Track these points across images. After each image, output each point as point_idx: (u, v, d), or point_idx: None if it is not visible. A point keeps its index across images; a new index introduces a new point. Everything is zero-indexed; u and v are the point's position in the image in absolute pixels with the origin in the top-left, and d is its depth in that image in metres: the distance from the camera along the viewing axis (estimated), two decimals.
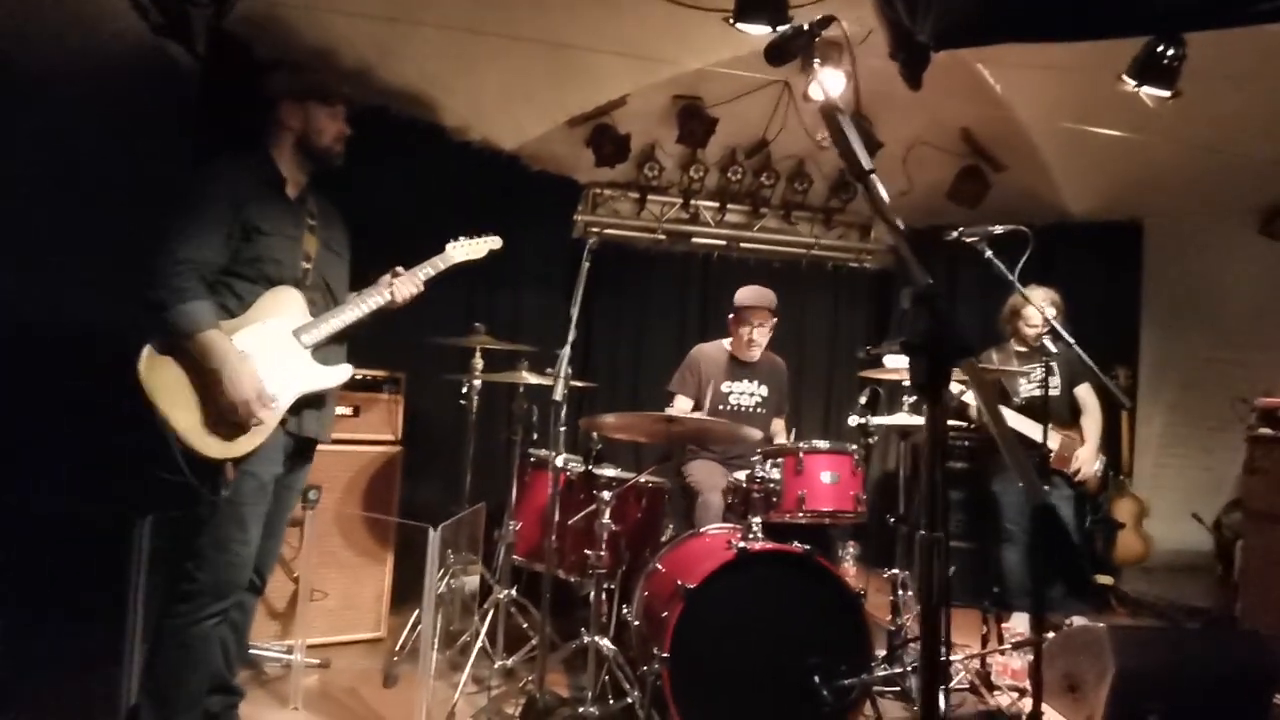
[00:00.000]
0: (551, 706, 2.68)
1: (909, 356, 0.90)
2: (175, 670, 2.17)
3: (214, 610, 2.21)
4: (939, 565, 0.90)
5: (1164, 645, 2.99)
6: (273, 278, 2.30)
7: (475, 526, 3.57)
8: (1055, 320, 3.05)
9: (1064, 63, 3.89)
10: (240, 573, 2.25)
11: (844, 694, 2.54)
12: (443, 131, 4.49)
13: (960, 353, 0.89)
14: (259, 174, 2.34)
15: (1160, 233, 5.40)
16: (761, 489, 3.00)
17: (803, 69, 1.55)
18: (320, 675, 3.14)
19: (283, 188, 2.39)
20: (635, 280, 5.63)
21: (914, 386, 0.92)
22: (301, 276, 2.37)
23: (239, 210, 2.23)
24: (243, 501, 2.21)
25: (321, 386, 2.37)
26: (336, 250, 2.54)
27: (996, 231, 2.75)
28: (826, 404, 5.96)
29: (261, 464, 2.25)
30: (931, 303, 0.88)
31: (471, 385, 3.45)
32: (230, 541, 2.20)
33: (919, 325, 0.89)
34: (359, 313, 2.44)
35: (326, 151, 2.42)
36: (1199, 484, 5.48)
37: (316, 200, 2.51)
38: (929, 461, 0.92)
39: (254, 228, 2.25)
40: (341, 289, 2.53)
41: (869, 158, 1.13)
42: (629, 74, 4.33)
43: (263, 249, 2.27)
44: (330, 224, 2.54)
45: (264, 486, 2.27)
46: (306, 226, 2.42)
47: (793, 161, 5.44)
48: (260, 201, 2.29)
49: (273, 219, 2.30)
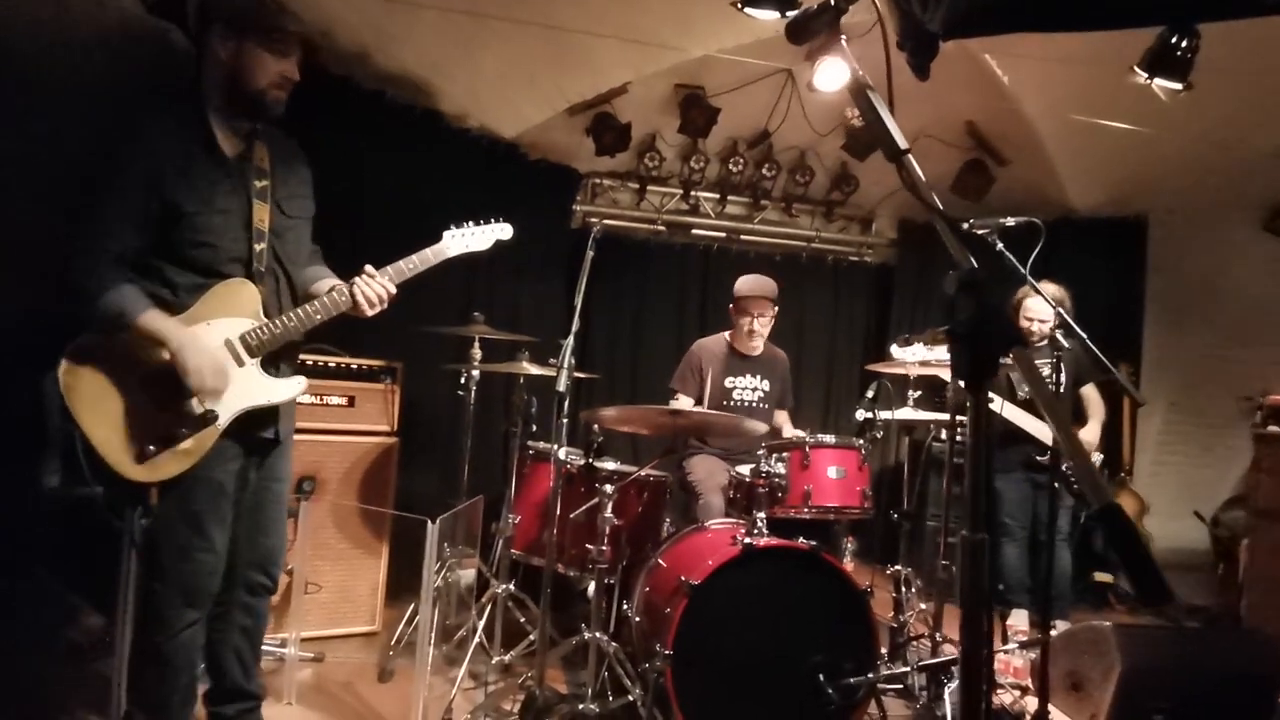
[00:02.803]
0: (551, 703, 2.63)
1: (953, 345, 0.85)
2: (160, 684, 2.08)
3: (188, 621, 2.06)
4: (981, 568, 0.84)
5: (1170, 644, 2.96)
6: (207, 263, 1.99)
7: (473, 519, 3.52)
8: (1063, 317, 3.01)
9: (1073, 55, 3.84)
10: (208, 579, 2.07)
11: (850, 693, 2.50)
12: (441, 118, 4.42)
13: (1009, 342, 0.84)
14: (182, 133, 1.97)
15: (1165, 229, 5.37)
16: (766, 483, 2.95)
17: (819, 51, 1.48)
18: (314, 669, 3.08)
19: (214, 147, 2.01)
20: (634, 272, 5.57)
21: (957, 378, 0.86)
22: (249, 259, 2.04)
23: (156, 185, 1.91)
24: (197, 507, 2.02)
25: (267, 402, 2.08)
26: (294, 214, 2.17)
27: (1008, 223, 2.70)
28: (826, 398, 5.92)
29: (215, 466, 2.03)
30: (979, 289, 0.83)
31: (470, 375, 3.40)
32: (191, 550, 2.02)
33: (964, 313, 0.84)
34: (314, 321, 2.11)
35: (259, 96, 2.00)
36: (1198, 481, 5.47)
37: (270, 147, 2.12)
38: (973, 458, 0.87)
39: (173, 206, 1.92)
40: (299, 268, 2.21)
41: (904, 137, 1.07)
42: (630, 61, 4.27)
43: (188, 231, 1.95)
44: (287, 178, 2.16)
45: (220, 488, 2.05)
46: (252, 192, 2.04)
47: (794, 153, 5.39)
48: (183, 171, 1.94)
49: (199, 192, 1.96)
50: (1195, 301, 5.47)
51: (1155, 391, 5.45)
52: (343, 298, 2.14)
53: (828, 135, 5.09)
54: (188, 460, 1.96)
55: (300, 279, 2.23)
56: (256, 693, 2.34)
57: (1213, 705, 2.74)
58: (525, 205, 4.83)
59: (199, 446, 1.97)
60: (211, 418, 1.96)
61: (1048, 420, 0.73)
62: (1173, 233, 5.36)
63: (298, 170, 2.23)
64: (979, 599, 0.83)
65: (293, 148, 2.23)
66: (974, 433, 0.87)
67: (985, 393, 0.87)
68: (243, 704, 2.30)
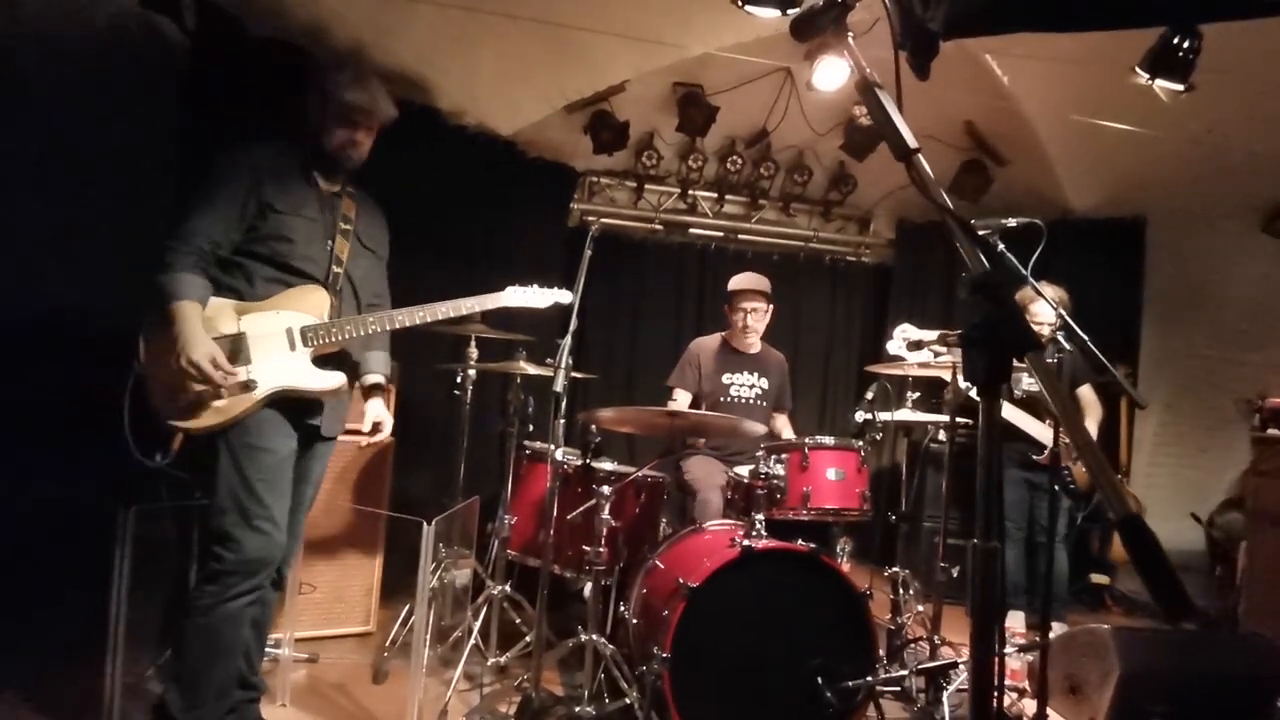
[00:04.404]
0: (546, 705, 2.60)
1: (967, 349, 0.83)
2: (203, 655, 2.13)
3: (243, 589, 2.15)
4: (993, 576, 0.82)
5: (1168, 648, 2.95)
6: (285, 258, 2.24)
7: (468, 520, 3.49)
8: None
9: (1073, 55, 3.83)
10: (269, 549, 2.18)
11: (848, 696, 2.48)
12: (437, 115, 4.39)
13: (1024, 346, 0.81)
14: (283, 160, 2.31)
15: (1163, 230, 5.35)
16: (765, 485, 2.93)
17: (822, 49, 1.46)
18: (308, 670, 3.05)
19: (306, 174, 2.35)
20: (631, 271, 5.55)
21: (969, 382, 0.84)
22: (327, 273, 2.32)
23: (256, 187, 2.21)
24: (259, 476, 2.16)
25: (305, 387, 2.27)
26: (370, 247, 2.49)
27: (1010, 224, 2.66)
28: (823, 398, 5.91)
29: (272, 438, 2.20)
30: (994, 291, 0.81)
31: (466, 375, 3.37)
32: (253, 517, 2.14)
33: (978, 316, 0.81)
34: (364, 331, 2.37)
35: (336, 153, 2.36)
36: (1194, 483, 5.47)
37: (358, 205, 2.46)
38: (985, 464, 0.84)
39: (268, 204, 2.22)
40: (368, 292, 2.48)
41: (912, 136, 1.05)
42: (629, 58, 4.25)
43: (274, 225, 2.23)
44: (369, 229, 2.49)
45: (281, 462, 2.22)
46: (338, 229, 2.37)
47: (792, 152, 5.37)
48: (279, 181, 2.26)
49: (290, 199, 2.26)
50: (1193, 303, 5.47)
51: (1152, 393, 5.45)
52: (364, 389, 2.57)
53: (826, 135, 5.07)
54: (219, 416, 2.13)
55: (365, 302, 2.49)
56: (258, 685, 2.41)
57: (1211, 708, 2.73)
58: (522, 203, 4.83)
59: (232, 407, 2.14)
60: (251, 385, 2.16)
61: (1064, 426, 0.70)
62: (1171, 234, 5.35)
63: (377, 224, 2.56)
64: (991, 608, 0.81)
65: (376, 210, 2.56)
66: (986, 440, 0.85)
67: (998, 398, 0.85)
68: (243, 694, 2.35)
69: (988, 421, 0.85)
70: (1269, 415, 3.53)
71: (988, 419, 0.85)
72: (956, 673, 2.89)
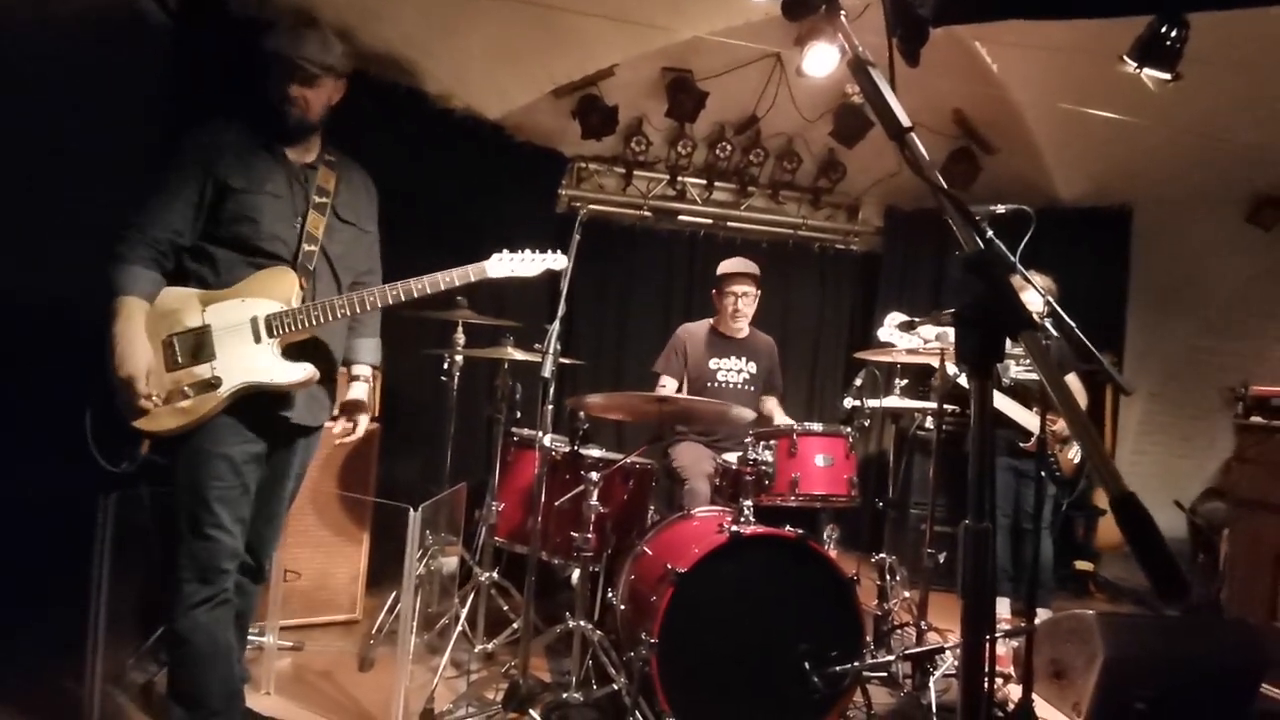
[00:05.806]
0: (534, 692, 2.60)
1: (960, 328, 0.82)
2: (187, 667, 2.10)
3: (202, 596, 2.08)
4: (984, 558, 0.81)
5: (1152, 633, 2.98)
6: (247, 239, 2.11)
7: (455, 506, 3.47)
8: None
9: (1062, 43, 3.83)
10: (217, 557, 2.09)
11: (835, 681, 2.49)
12: (425, 98, 4.33)
13: (1017, 325, 0.80)
14: (247, 134, 2.18)
15: (1149, 219, 5.38)
16: (753, 471, 2.93)
17: (815, 31, 1.44)
18: (293, 658, 3.04)
19: (269, 145, 2.19)
20: (620, 257, 5.52)
21: (961, 361, 0.83)
22: (296, 252, 2.17)
23: (211, 166, 2.09)
24: (208, 483, 2.06)
25: (268, 380, 2.11)
26: (349, 220, 2.33)
27: (999, 211, 2.67)
28: (811, 385, 5.91)
29: (229, 442, 2.08)
30: (987, 270, 0.80)
31: (453, 361, 3.34)
32: (201, 525, 2.06)
33: (970, 294, 0.80)
34: (332, 319, 2.20)
35: (287, 112, 2.18)
36: (1177, 471, 5.52)
37: (340, 173, 2.31)
38: (978, 445, 0.84)
39: (224, 184, 2.09)
40: (350, 270, 2.34)
41: (906, 115, 1.04)
42: (618, 41, 4.21)
43: (232, 205, 2.09)
44: (351, 200, 2.34)
45: (231, 465, 2.09)
46: (310, 204, 2.21)
47: (782, 139, 5.35)
48: (239, 157, 2.12)
49: (251, 175, 2.12)
50: (1178, 292, 5.50)
51: (1137, 381, 5.49)
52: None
53: (816, 121, 5.05)
54: (184, 418, 2.04)
55: (345, 283, 2.34)
56: (242, 675, 2.37)
57: (1194, 694, 2.76)
58: (510, 188, 4.78)
59: (197, 408, 2.05)
60: (216, 383, 2.07)
61: (1059, 407, 0.69)
62: (1157, 223, 5.37)
63: (362, 195, 2.41)
64: (981, 590, 0.81)
65: (362, 178, 2.42)
66: (978, 419, 0.84)
67: (990, 378, 0.84)
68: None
69: (980, 401, 0.84)
70: (1253, 403, 3.56)
71: (979, 399, 0.84)
72: (943, 658, 2.91)
